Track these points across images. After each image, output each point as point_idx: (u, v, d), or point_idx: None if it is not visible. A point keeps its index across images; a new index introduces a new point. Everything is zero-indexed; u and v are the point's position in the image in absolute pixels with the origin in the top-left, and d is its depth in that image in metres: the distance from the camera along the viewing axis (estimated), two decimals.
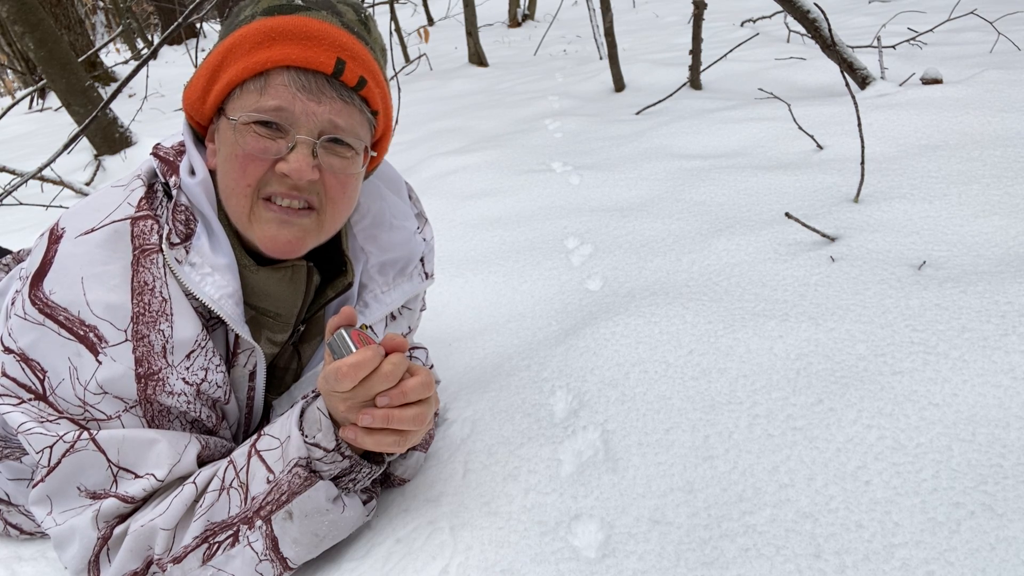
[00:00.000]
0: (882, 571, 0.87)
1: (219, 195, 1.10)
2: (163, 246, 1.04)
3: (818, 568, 0.89)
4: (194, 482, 1.04)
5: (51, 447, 1.02)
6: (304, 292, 1.18)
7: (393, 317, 1.34)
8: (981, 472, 0.97)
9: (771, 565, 0.91)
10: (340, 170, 1.06)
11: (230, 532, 1.01)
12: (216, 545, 1.01)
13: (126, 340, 1.02)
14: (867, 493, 0.98)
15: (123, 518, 1.05)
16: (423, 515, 1.15)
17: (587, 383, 1.35)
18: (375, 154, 1.16)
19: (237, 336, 1.12)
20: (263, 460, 1.03)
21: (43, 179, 3.72)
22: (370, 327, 1.28)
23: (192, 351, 1.06)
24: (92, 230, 1.04)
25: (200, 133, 1.15)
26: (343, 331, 0.98)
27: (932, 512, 0.93)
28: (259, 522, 1.01)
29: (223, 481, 1.04)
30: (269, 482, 1.01)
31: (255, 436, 1.08)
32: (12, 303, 1.07)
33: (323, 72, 1.02)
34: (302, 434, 1.03)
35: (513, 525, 1.07)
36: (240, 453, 1.06)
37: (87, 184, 4.68)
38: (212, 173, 1.11)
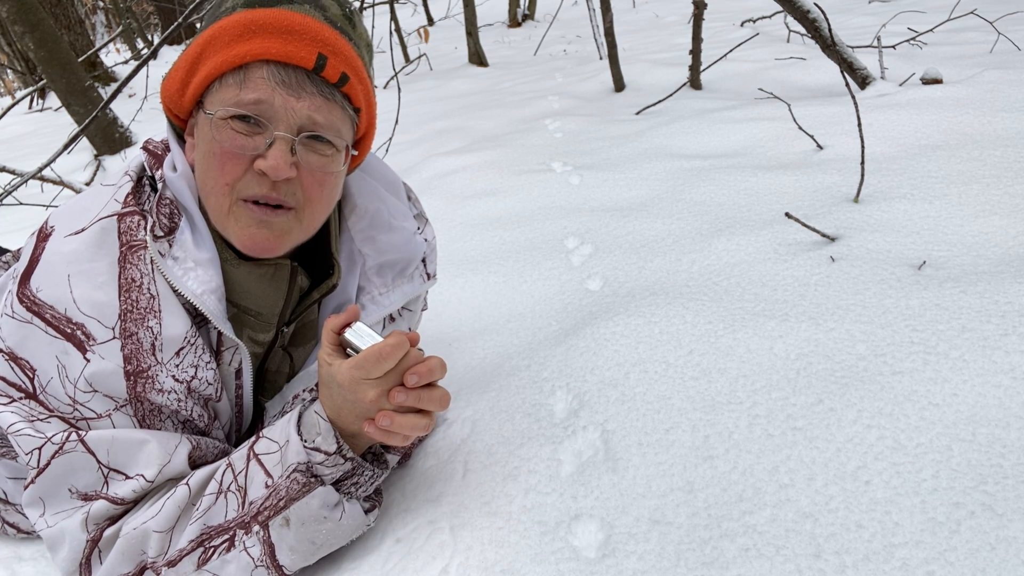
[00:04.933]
0: (882, 571, 0.87)
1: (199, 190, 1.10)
2: (147, 238, 1.03)
3: (818, 568, 0.89)
4: (187, 484, 1.03)
5: (40, 448, 1.01)
6: (287, 292, 1.17)
7: (392, 319, 1.34)
8: (981, 472, 0.97)
9: (771, 565, 0.91)
10: (319, 168, 1.05)
11: (226, 536, 1.00)
12: (212, 549, 1.00)
13: (114, 338, 1.01)
14: (867, 493, 0.98)
15: (114, 520, 1.04)
16: (423, 515, 1.15)
17: (587, 383, 1.35)
18: (356, 153, 1.15)
19: (220, 333, 1.11)
20: (261, 464, 1.03)
21: (43, 179, 3.72)
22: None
23: (182, 348, 1.05)
24: (81, 230, 1.04)
25: (180, 127, 1.13)
26: (361, 324, 1.01)
27: (932, 512, 0.93)
28: (256, 527, 1.00)
29: (220, 484, 1.03)
30: (267, 487, 1.01)
31: (253, 438, 1.07)
32: (3, 302, 1.07)
33: (304, 67, 1.00)
34: (301, 439, 1.02)
35: (513, 525, 1.07)
36: (239, 456, 1.05)
37: (87, 184, 4.68)
38: (193, 168, 1.10)
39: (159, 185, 1.08)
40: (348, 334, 1.00)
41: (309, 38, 1.00)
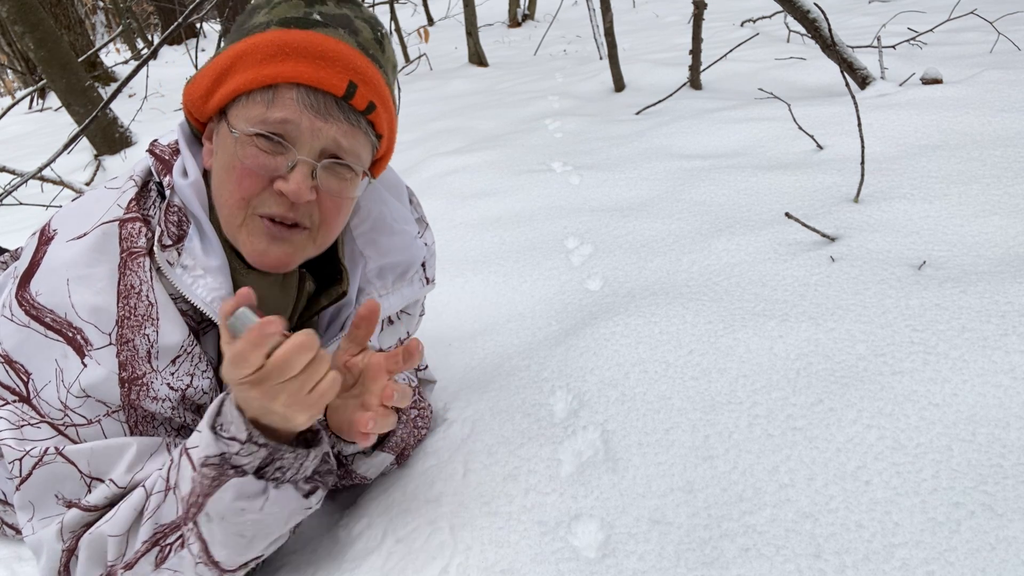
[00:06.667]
0: (882, 571, 0.87)
1: (211, 196, 1.09)
2: (155, 248, 1.03)
3: (818, 568, 0.89)
4: (143, 486, 1.01)
5: (20, 460, 1.01)
6: (295, 299, 1.17)
7: (391, 322, 1.33)
8: (981, 472, 0.97)
9: (771, 565, 0.91)
10: (337, 193, 1.05)
11: (178, 534, 0.99)
12: (167, 547, 0.99)
13: (110, 344, 1.00)
14: (867, 493, 0.98)
15: (89, 526, 1.03)
16: (423, 515, 1.15)
17: (587, 383, 1.35)
18: (371, 175, 1.14)
19: None
20: (190, 458, 0.98)
21: (43, 179, 3.72)
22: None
23: (177, 356, 1.05)
24: (83, 235, 1.04)
25: (198, 129, 1.13)
26: (246, 309, 0.87)
27: (932, 512, 0.93)
28: (190, 523, 0.97)
29: (167, 481, 1.00)
30: (193, 481, 0.97)
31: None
32: (2, 302, 1.07)
33: (333, 94, 1.00)
34: (213, 430, 0.96)
35: (513, 525, 1.07)
36: (177, 450, 1.02)
37: (87, 184, 4.68)
38: (206, 172, 1.10)
39: (167, 192, 1.07)
40: (230, 321, 0.87)
41: (341, 65, 0.99)
